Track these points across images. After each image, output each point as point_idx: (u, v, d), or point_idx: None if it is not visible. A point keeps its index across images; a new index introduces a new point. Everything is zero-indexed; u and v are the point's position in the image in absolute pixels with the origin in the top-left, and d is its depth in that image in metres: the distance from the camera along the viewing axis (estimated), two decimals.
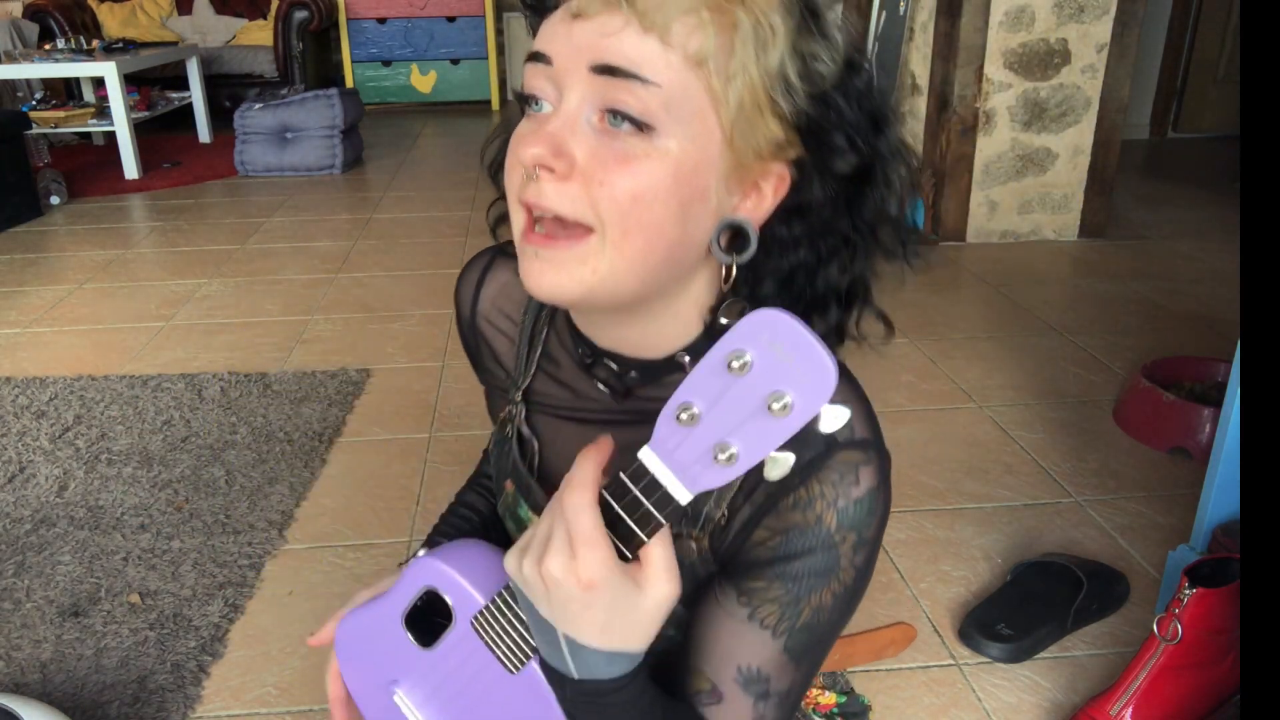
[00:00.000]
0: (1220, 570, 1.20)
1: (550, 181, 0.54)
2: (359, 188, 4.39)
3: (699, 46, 0.51)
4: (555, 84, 0.54)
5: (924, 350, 2.43)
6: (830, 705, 0.97)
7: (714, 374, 0.44)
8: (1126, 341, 2.48)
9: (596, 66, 0.52)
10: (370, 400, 2.18)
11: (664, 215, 0.54)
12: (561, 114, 0.54)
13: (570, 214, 0.54)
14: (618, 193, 0.53)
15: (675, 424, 0.46)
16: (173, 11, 6.13)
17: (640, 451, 0.49)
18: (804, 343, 0.41)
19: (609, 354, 0.65)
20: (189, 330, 2.62)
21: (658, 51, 0.51)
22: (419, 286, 2.96)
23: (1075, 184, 3.33)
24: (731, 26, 0.51)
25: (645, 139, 0.52)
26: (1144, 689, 1.17)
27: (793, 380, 0.42)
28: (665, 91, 0.51)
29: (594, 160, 0.53)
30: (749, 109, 0.53)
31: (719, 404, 0.44)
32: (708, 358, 0.44)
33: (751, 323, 0.42)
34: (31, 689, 1.31)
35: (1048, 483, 1.81)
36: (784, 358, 0.42)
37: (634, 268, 0.55)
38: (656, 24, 0.50)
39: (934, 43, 3.28)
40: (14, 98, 5.10)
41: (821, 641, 0.63)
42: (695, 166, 0.54)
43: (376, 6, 6.40)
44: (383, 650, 0.73)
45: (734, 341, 0.43)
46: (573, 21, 0.52)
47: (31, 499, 1.77)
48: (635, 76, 0.51)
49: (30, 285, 3.02)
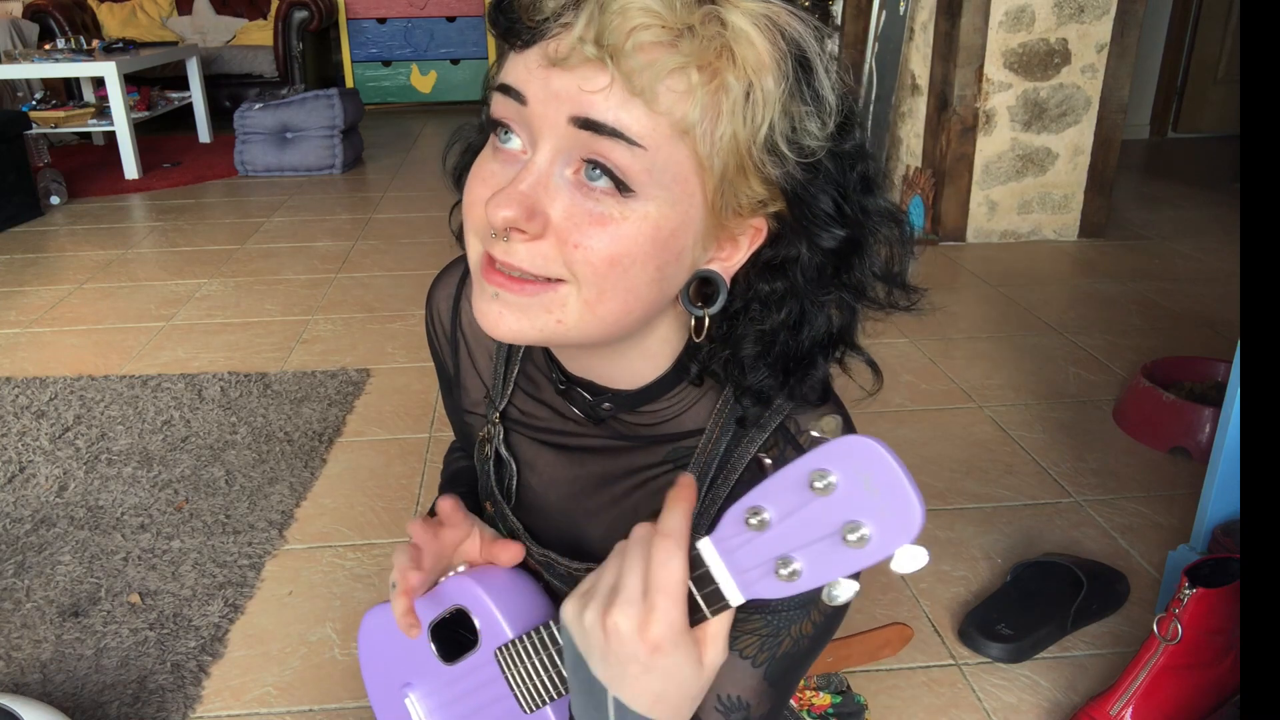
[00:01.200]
0: (1220, 570, 1.20)
1: (523, 243, 0.51)
2: (359, 188, 4.39)
3: (685, 114, 0.48)
4: (528, 126, 0.51)
5: (924, 350, 2.43)
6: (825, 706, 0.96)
7: (793, 487, 0.42)
8: (1126, 341, 2.48)
9: (578, 120, 0.49)
10: (370, 400, 2.18)
11: (641, 278, 0.52)
12: (535, 168, 0.51)
13: (543, 274, 0.52)
14: (594, 256, 0.50)
15: (743, 525, 0.44)
16: (173, 11, 6.13)
17: (699, 541, 0.47)
18: (896, 481, 0.39)
19: (581, 382, 0.64)
20: (189, 330, 2.62)
21: (643, 115, 0.48)
22: (419, 286, 2.95)
23: (1075, 184, 3.33)
24: (720, 90, 0.48)
25: (624, 201, 0.50)
26: (1144, 689, 1.17)
27: (875, 514, 0.40)
28: (649, 155, 0.49)
29: (569, 220, 0.50)
30: (733, 173, 0.51)
31: (792, 517, 0.42)
32: (792, 468, 0.42)
33: (845, 446, 0.40)
34: (31, 689, 1.31)
35: (1048, 483, 1.81)
36: (870, 489, 0.40)
37: (606, 325, 0.54)
38: (644, 88, 0.47)
39: (934, 43, 3.28)
40: (14, 98, 5.10)
41: (800, 665, 0.62)
42: (674, 230, 0.51)
43: (376, 6, 6.41)
44: (404, 651, 0.73)
45: (822, 460, 0.41)
46: (551, 67, 0.49)
47: (31, 499, 1.77)
48: (621, 137, 0.48)
49: (30, 285, 3.02)
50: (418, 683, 0.72)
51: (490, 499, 0.74)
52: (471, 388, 0.76)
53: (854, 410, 0.64)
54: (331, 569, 1.56)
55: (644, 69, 0.47)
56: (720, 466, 0.61)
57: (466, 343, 0.75)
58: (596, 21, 0.47)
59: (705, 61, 0.48)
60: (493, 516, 0.75)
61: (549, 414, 0.69)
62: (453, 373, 0.77)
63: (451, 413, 0.81)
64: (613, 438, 0.66)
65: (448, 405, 0.81)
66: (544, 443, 0.70)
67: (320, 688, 1.31)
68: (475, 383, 0.75)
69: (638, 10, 0.46)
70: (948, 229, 3.34)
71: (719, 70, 0.48)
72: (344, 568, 1.56)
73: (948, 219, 3.33)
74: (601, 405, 0.64)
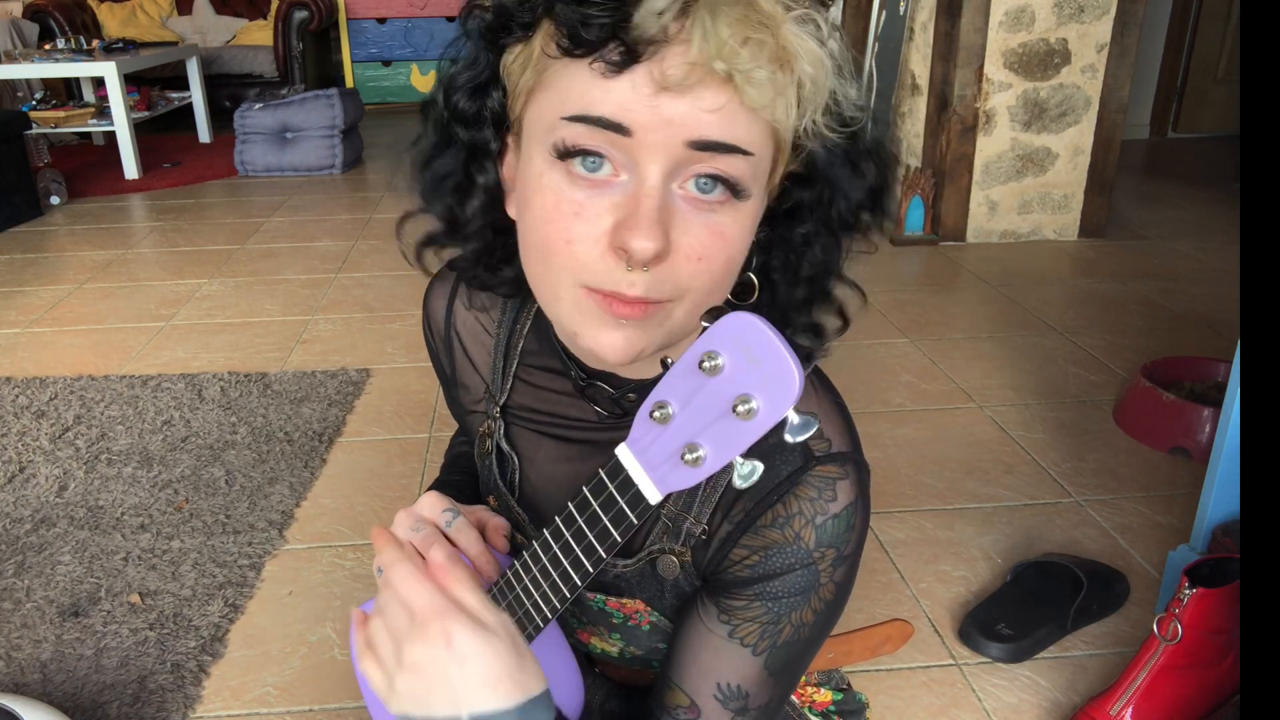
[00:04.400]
0: (1220, 570, 1.20)
1: (651, 269, 0.49)
2: (359, 188, 4.39)
3: (782, 112, 0.49)
4: (628, 153, 0.48)
5: (924, 350, 2.43)
6: (826, 703, 0.97)
7: (688, 374, 0.44)
8: (1126, 341, 2.48)
9: (698, 143, 0.47)
10: (370, 400, 2.18)
11: (734, 269, 0.53)
12: (650, 191, 0.48)
13: (660, 297, 0.50)
14: (714, 267, 0.51)
15: (649, 422, 0.46)
16: (173, 11, 6.13)
17: (617, 448, 0.49)
18: (771, 347, 0.41)
19: (602, 375, 0.64)
20: (189, 330, 2.62)
21: (753, 123, 0.48)
22: (419, 286, 2.91)
23: (1075, 184, 3.33)
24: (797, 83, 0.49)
25: (732, 205, 0.50)
26: (1144, 689, 1.17)
27: (759, 385, 0.41)
28: (757, 160, 0.50)
29: (692, 238, 0.49)
30: (779, 157, 0.53)
31: (690, 404, 0.44)
32: (684, 358, 0.44)
33: (725, 325, 0.42)
34: (31, 689, 1.31)
35: (1048, 483, 1.81)
36: (753, 361, 0.41)
37: (693, 318, 0.53)
38: (752, 95, 0.46)
39: (934, 43, 3.28)
40: (14, 98, 5.10)
41: (802, 656, 0.62)
42: (752, 219, 0.53)
43: (376, 6, 6.41)
44: None
45: (708, 343, 0.43)
46: (659, 92, 0.46)
47: (31, 499, 1.77)
48: (738, 150, 0.48)
49: (30, 285, 3.02)
50: None
51: (494, 493, 0.74)
52: (472, 385, 0.76)
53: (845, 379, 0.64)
54: (331, 569, 1.56)
55: (751, 73, 0.46)
56: None
57: (461, 342, 0.75)
58: (713, 35, 0.44)
59: (785, 58, 0.48)
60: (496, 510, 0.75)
61: (551, 404, 0.69)
62: (450, 373, 0.77)
63: (452, 405, 0.82)
64: (614, 427, 0.66)
65: (449, 400, 0.81)
66: (545, 434, 0.70)
67: (320, 688, 1.31)
68: (474, 380, 0.75)
69: (751, 20, 0.45)
70: (948, 229, 3.34)
71: (789, 59, 0.48)
72: (344, 568, 1.56)
73: (948, 219, 3.33)
74: (626, 396, 0.64)
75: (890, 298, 2.81)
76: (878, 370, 2.29)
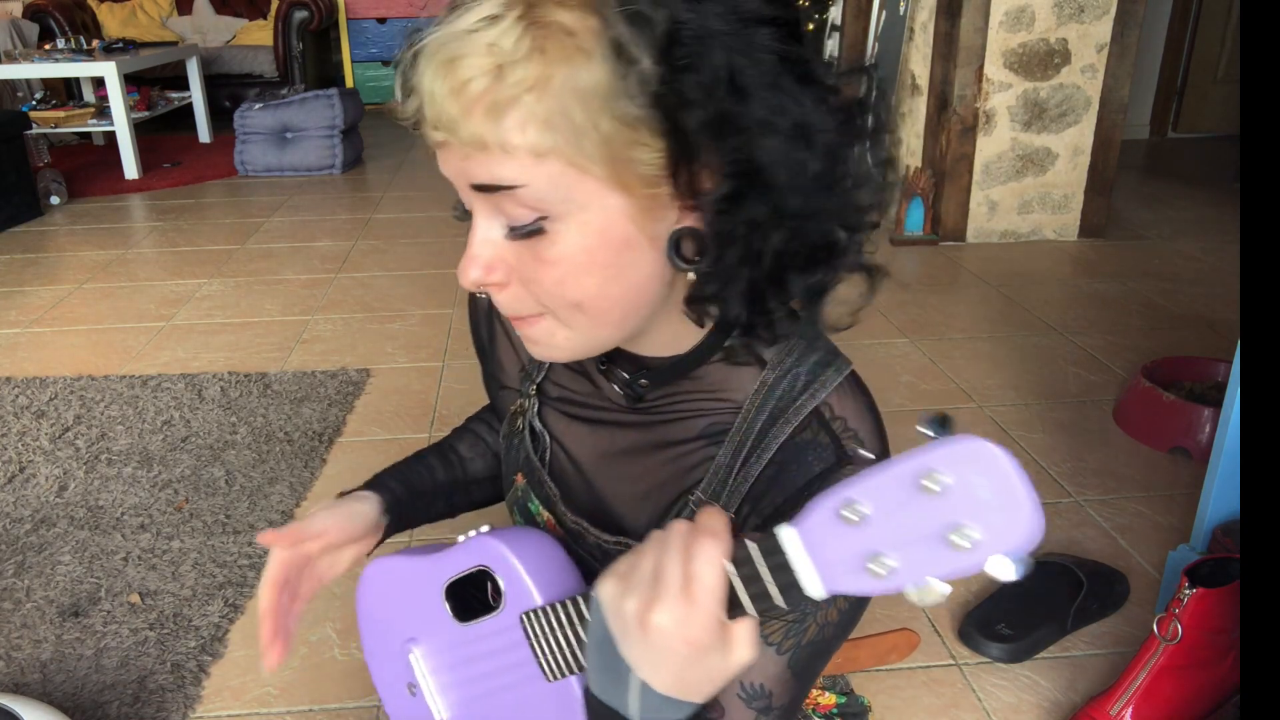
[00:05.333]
0: (1220, 570, 1.20)
1: (499, 293, 0.57)
2: (359, 188, 4.39)
3: (536, 137, 0.50)
4: (463, 198, 0.57)
5: (924, 350, 2.43)
6: (830, 706, 0.97)
7: (899, 483, 0.41)
8: (1126, 341, 2.48)
9: (474, 186, 0.54)
10: (370, 400, 2.18)
11: (596, 283, 0.54)
12: (477, 230, 0.56)
13: (524, 312, 0.57)
14: (548, 286, 0.55)
15: (835, 517, 0.42)
16: (173, 11, 6.13)
17: (780, 529, 0.46)
18: (1013, 486, 0.38)
19: (622, 357, 0.65)
20: (189, 330, 2.62)
21: (503, 160, 0.51)
22: (419, 286, 2.96)
23: (1075, 184, 3.33)
24: (554, 100, 0.49)
25: (546, 228, 0.53)
26: (1144, 689, 1.17)
27: (986, 519, 0.39)
28: (533, 188, 0.51)
29: (520, 263, 0.55)
30: (618, 152, 0.51)
31: (894, 516, 0.41)
32: (897, 465, 0.41)
33: (963, 448, 0.39)
34: (31, 689, 1.31)
35: (1048, 483, 1.81)
36: (984, 493, 0.39)
37: (601, 327, 0.57)
38: (489, 142, 0.50)
39: (934, 43, 3.28)
40: (14, 98, 5.10)
41: (823, 655, 0.62)
42: (601, 228, 0.53)
43: (376, 6, 6.41)
44: (412, 606, 0.72)
45: (935, 461, 0.39)
46: (440, 152, 0.55)
47: (31, 499, 1.77)
48: (500, 187, 0.52)
49: (30, 285, 3.02)
50: (424, 639, 0.71)
51: (523, 470, 0.75)
52: (508, 364, 0.79)
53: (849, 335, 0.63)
54: None
55: (479, 128, 0.50)
56: (754, 446, 0.62)
57: (504, 324, 0.79)
58: (427, 110, 0.52)
59: (527, 85, 0.49)
60: (523, 489, 0.75)
61: (585, 388, 0.70)
62: (489, 352, 0.81)
63: (488, 381, 0.85)
64: (648, 412, 0.67)
65: (486, 381, 0.85)
66: (576, 417, 0.71)
67: (320, 688, 1.31)
68: (511, 359, 0.78)
69: (441, 87, 0.50)
70: (948, 229, 3.34)
71: (543, 83, 0.49)
72: None
73: (948, 219, 3.33)
74: (639, 381, 0.65)
75: (890, 298, 2.80)
76: (878, 370, 2.29)
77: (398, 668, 0.73)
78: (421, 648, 0.71)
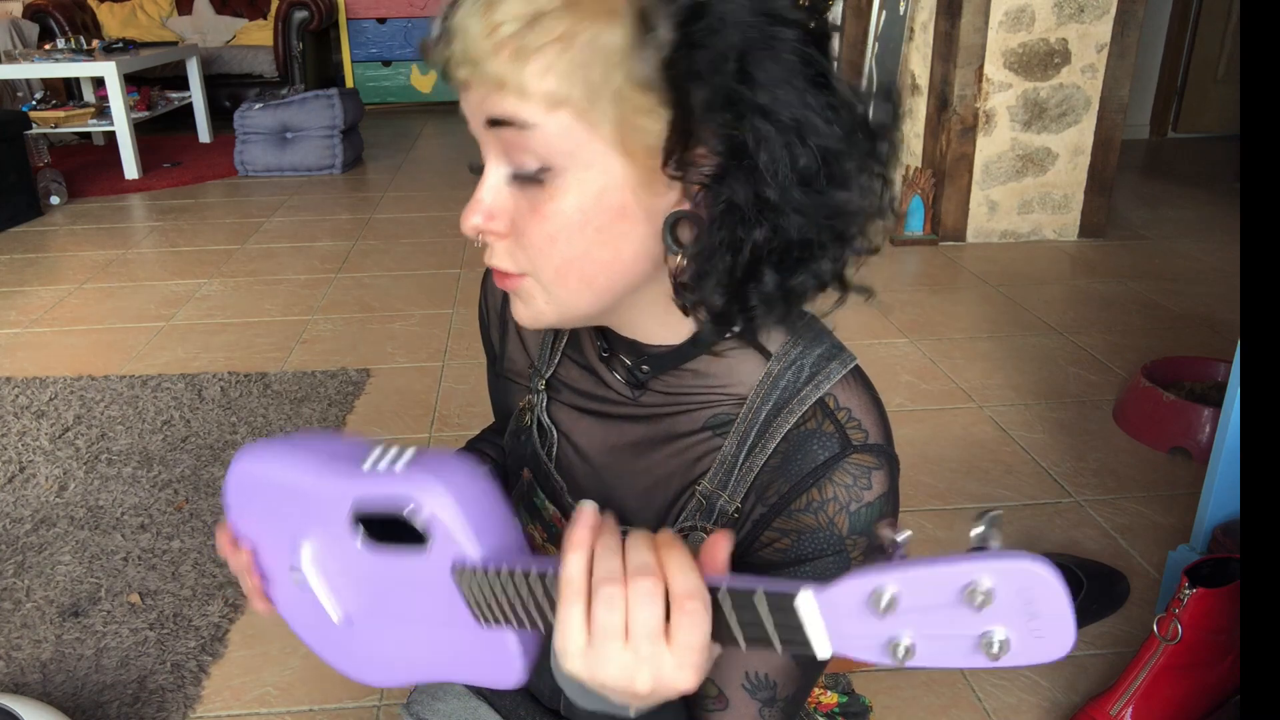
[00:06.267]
0: (1220, 570, 1.20)
1: (496, 241, 0.58)
2: (359, 188, 4.39)
3: (554, 85, 0.52)
4: (478, 144, 0.58)
5: (924, 350, 2.43)
6: (832, 704, 0.97)
7: (942, 588, 0.40)
8: (1126, 341, 2.48)
9: (487, 121, 0.55)
10: (370, 400, 2.18)
11: (584, 245, 0.55)
12: (486, 176, 0.57)
13: (507, 268, 0.58)
14: (535, 240, 0.56)
15: (865, 601, 0.41)
16: (173, 11, 6.13)
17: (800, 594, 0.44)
18: (1060, 614, 0.38)
19: (626, 343, 0.66)
20: (189, 330, 2.62)
21: (518, 102, 0.52)
22: (419, 286, 2.96)
23: (1075, 184, 3.33)
24: (576, 55, 0.51)
25: (547, 180, 0.54)
26: (1144, 689, 1.17)
27: (1022, 634, 0.39)
28: (542, 131, 0.52)
29: (517, 215, 0.56)
30: (628, 118, 0.52)
31: (928, 614, 0.40)
32: (944, 567, 0.40)
33: (1015, 569, 0.39)
34: (31, 689, 1.31)
35: (1048, 483, 1.81)
36: (1027, 611, 0.39)
37: (583, 295, 0.58)
38: (508, 82, 0.52)
39: (934, 43, 3.29)
40: (14, 98, 5.10)
41: None
42: (599, 191, 0.54)
43: (376, 6, 6.41)
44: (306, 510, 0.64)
45: (985, 574, 0.39)
46: (463, 93, 0.56)
47: (31, 499, 1.77)
48: (513, 123, 0.53)
49: (30, 285, 3.02)
50: (318, 541, 0.63)
51: (530, 465, 0.75)
52: (516, 358, 0.79)
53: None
54: None
55: (501, 68, 0.52)
56: (758, 437, 0.62)
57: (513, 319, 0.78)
58: (456, 47, 0.54)
59: (552, 36, 0.51)
60: (529, 484, 0.75)
61: (593, 382, 0.70)
62: (498, 348, 0.81)
63: (493, 390, 0.85)
64: (653, 405, 0.67)
65: (491, 377, 0.85)
66: (584, 410, 0.71)
67: (320, 688, 1.31)
68: (520, 353, 0.78)
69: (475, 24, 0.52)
70: (948, 229, 3.34)
71: (567, 40, 0.51)
72: None
73: (948, 219, 3.33)
74: (640, 368, 0.65)
75: (890, 298, 2.81)
76: (877, 370, 2.29)
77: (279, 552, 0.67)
78: (314, 546, 0.64)
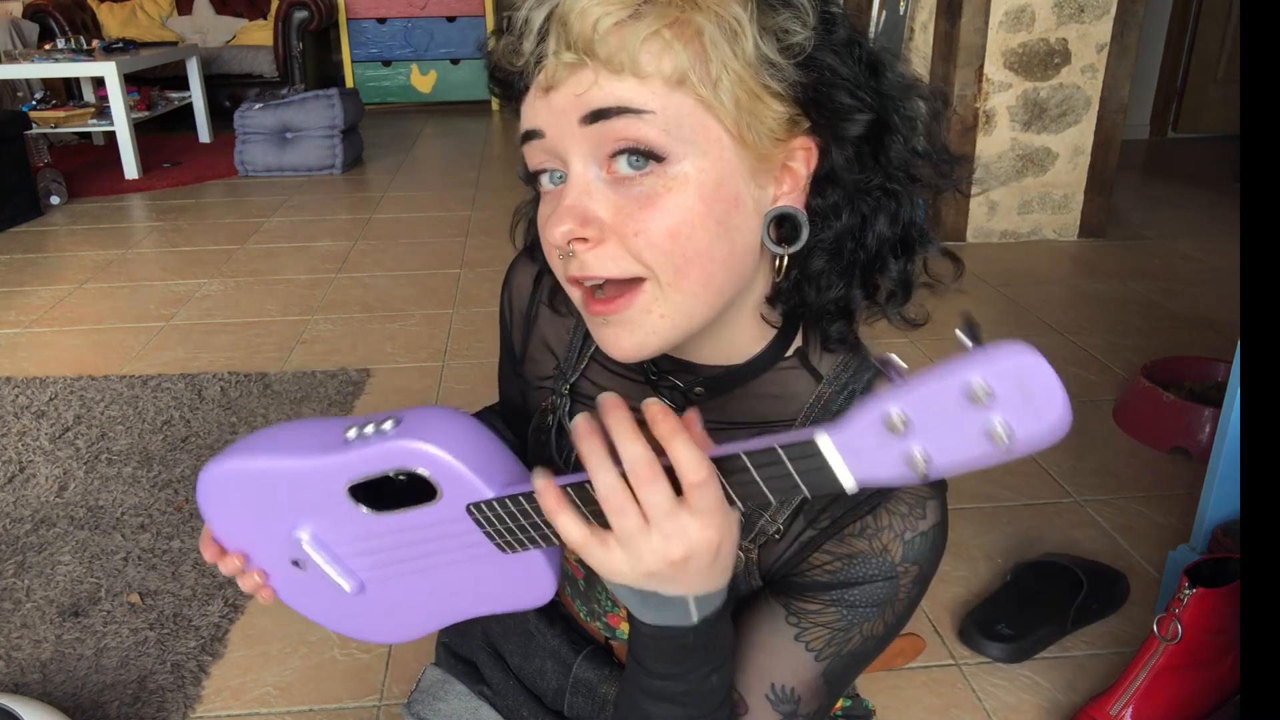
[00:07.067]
0: (1220, 570, 1.20)
1: (588, 251, 0.53)
2: (359, 188, 4.39)
3: (673, 66, 0.50)
4: (555, 153, 0.54)
5: (924, 350, 2.43)
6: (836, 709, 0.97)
7: (946, 397, 0.41)
8: (1126, 341, 2.48)
9: (586, 117, 0.51)
10: (370, 400, 2.18)
11: (707, 239, 0.53)
12: (572, 181, 0.53)
13: (619, 274, 0.53)
14: (655, 236, 0.52)
15: (881, 428, 0.43)
16: (173, 11, 6.13)
17: (818, 435, 0.44)
18: (1050, 388, 0.39)
19: (679, 364, 0.64)
20: (189, 330, 2.62)
21: (636, 85, 0.50)
22: (419, 286, 2.96)
23: (1075, 184, 3.33)
24: (696, 34, 0.50)
25: (660, 172, 0.51)
26: (1144, 689, 1.17)
27: (1021, 416, 0.40)
28: (660, 117, 0.51)
29: (620, 214, 0.52)
30: (746, 102, 0.52)
31: (939, 424, 0.42)
32: (943, 379, 0.42)
33: (1003, 356, 0.40)
34: (31, 689, 1.31)
35: (1048, 483, 1.81)
36: (1023, 395, 0.40)
37: (700, 298, 0.54)
38: (625, 64, 0.50)
39: (934, 43, 3.28)
40: (14, 98, 5.10)
41: (857, 667, 0.62)
42: (718, 179, 0.52)
43: (376, 6, 6.40)
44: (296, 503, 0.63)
45: (983, 374, 0.40)
46: (548, 93, 0.53)
47: (31, 499, 1.77)
48: (626, 110, 0.50)
49: (30, 285, 3.02)
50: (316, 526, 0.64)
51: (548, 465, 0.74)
52: (541, 360, 0.77)
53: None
54: None
55: (618, 49, 0.50)
56: None
57: (541, 320, 0.77)
58: (562, 32, 0.51)
59: (670, 19, 0.50)
60: None
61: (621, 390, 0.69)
62: (521, 348, 0.79)
63: (505, 384, 0.83)
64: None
65: (503, 377, 0.84)
66: None
67: (320, 688, 1.31)
68: (545, 356, 0.77)
69: (593, 5, 0.50)
70: (948, 229, 3.34)
71: (686, 19, 0.50)
72: None
73: (948, 219, 3.33)
74: (694, 390, 0.64)
75: None
76: None
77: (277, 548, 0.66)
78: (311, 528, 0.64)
